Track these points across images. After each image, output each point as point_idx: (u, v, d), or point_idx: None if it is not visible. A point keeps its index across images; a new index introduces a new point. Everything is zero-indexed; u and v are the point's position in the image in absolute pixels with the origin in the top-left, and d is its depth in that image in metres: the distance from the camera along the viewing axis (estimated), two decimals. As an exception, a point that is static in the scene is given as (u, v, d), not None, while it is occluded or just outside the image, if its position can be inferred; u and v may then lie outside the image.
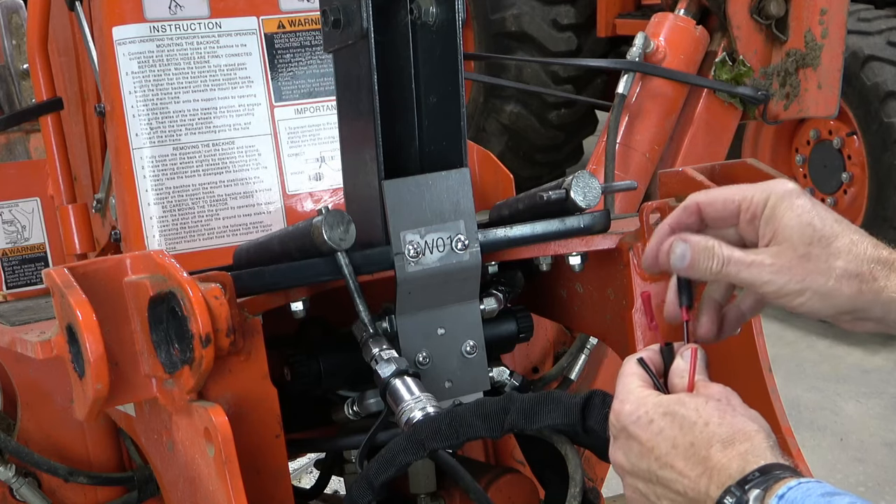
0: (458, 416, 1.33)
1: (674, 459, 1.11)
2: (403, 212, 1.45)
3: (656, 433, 1.14)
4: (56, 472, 1.75)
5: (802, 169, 6.05)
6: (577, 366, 2.06)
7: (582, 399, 1.31)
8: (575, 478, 1.66)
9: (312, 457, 2.26)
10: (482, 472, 1.74)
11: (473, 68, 6.44)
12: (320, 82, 1.79)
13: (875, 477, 4.61)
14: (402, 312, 1.50)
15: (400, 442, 1.33)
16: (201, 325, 1.21)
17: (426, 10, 1.42)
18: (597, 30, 7.46)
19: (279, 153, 1.75)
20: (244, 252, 1.57)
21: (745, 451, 1.08)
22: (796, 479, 1.03)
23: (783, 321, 6.00)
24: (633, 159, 2.69)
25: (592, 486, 2.01)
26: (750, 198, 1.26)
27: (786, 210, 1.23)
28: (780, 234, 1.23)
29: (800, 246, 1.21)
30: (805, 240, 1.21)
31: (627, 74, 2.69)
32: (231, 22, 1.72)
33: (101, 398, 1.24)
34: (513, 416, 1.33)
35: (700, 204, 1.30)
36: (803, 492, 1.02)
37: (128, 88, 1.66)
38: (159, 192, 1.67)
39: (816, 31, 2.78)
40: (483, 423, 1.34)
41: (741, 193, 1.27)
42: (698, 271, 1.26)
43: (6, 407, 1.85)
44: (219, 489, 1.24)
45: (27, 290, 2.32)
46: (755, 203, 1.26)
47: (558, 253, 1.59)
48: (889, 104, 5.43)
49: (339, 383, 1.61)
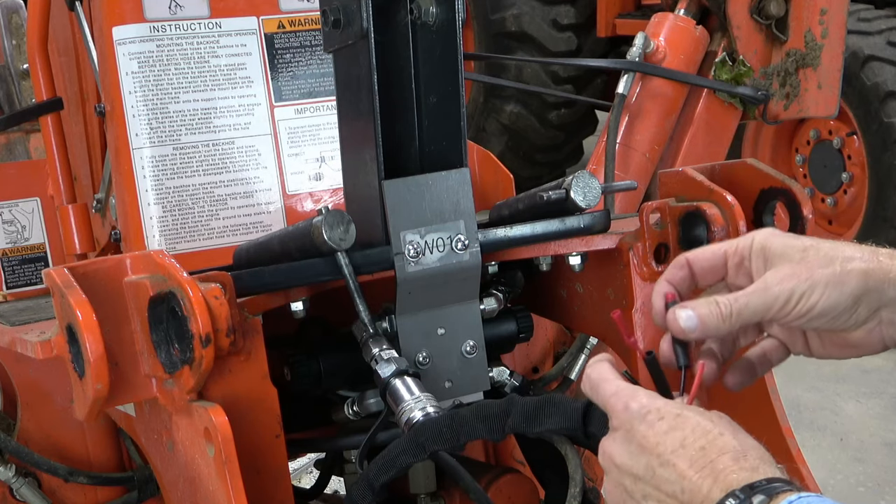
0: (459, 419, 1.33)
1: (678, 459, 1.11)
2: (403, 212, 1.45)
3: (664, 431, 1.13)
4: (56, 472, 1.75)
5: (802, 169, 6.05)
6: (577, 366, 2.06)
7: (583, 405, 1.31)
8: (575, 478, 1.66)
9: (312, 457, 2.26)
10: (482, 472, 1.74)
11: (473, 68, 6.44)
12: (320, 82, 1.79)
13: (875, 477, 4.61)
14: (402, 312, 1.50)
15: (401, 444, 1.33)
16: (201, 325, 1.21)
17: (426, 10, 1.42)
18: (597, 30, 7.46)
19: (279, 153, 1.75)
20: (244, 252, 1.57)
21: (756, 467, 1.07)
22: (797, 494, 1.03)
23: (783, 321, 6.00)
24: (633, 159, 2.70)
25: (592, 486, 2.01)
26: (735, 245, 1.30)
27: (772, 239, 1.27)
28: (771, 258, 1.26)
29: (794, 256, 1.24)
30: (798, 251, 1.24)
31: (627, 74, 2.69)
32: (231, 22, 1.72)
33: (101, 398, 1.24)
34: (514, 419, 1.33)
35: (689, 259, 1.32)
36: (808, 502, 1.02)
37: (128, 88, 1.66)
38: (159, 192, 1.67)
39: (816, 31, 2.78)
40: (484, 425, 1.34)
41: (726, 244, 1.31)
42: (711, 329, 1.26)
43: (6, 407, 1.85)
44: (219, 489, 1.24)
45: (27, 290, 2.32)
46: (741, 247, 1.29)
47: (558, 253, 1.59)
48: (889, 104, 5.43)
49: (339, 383, 1.61)
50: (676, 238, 1.56)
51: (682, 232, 1.55)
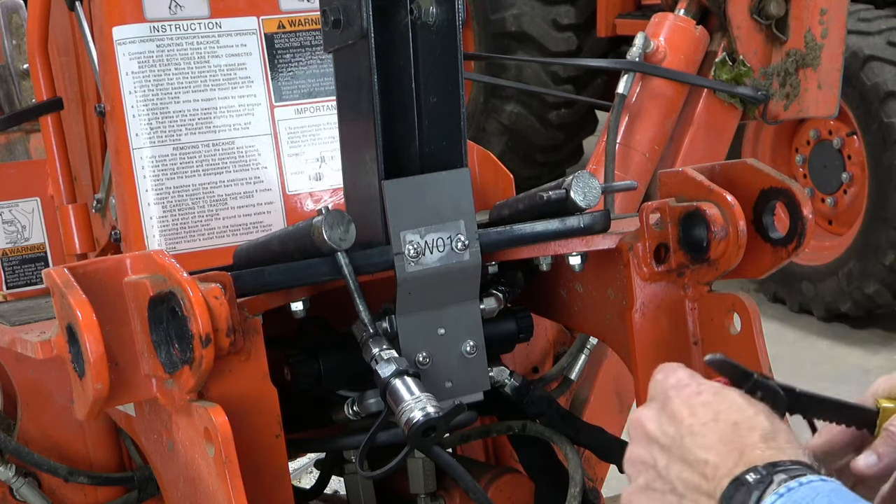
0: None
1: (709, 431, 1.10)
2: (403, 212, 1.45)
3: (701, 404, 1.13)
4: (56, 472, 1.75)
5: (802, 169, 6.05)
6: (577, 366, 2.06)
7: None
8: (575, 478, 1.66)
9: (312, 457, 2.26)
10: (482, 472, 1.74)
11: (473, 68, 6.44)
12: (320, 82, 1.79)
13: (875, 477, 4.60)
14: (402, 312, 1.50)
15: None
16: (201, 325, 1.21)
17: (426, 10, 1.42)
18: (597, 30, 7.45)
19: (279, 153, 1.75)
20: (244, 252, 1.57)
21: (783, 448, 1.07)
22: (819, 476, 1.03)
23: (783, 321, 6.01)
24: (633, 159, 2.69)
25: (592, 486, 2.02)
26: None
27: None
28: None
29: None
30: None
31: (627, 74, 2.68)
32: (231, 22, 1.72)
33: (101, 398, 1.24)
34: None
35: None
36: (831, 487, 1.01)
37: (128, 88, 1.66)
38: (159, 192, 1.67)
39: (816, 31, 2.78)
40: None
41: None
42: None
43: (6, 407, 1.85)
44: (219, 489, 1.24)
45: (27, 290, 2.32)
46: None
47: (558, 253, 1.59)
48: (889, 104, 5.42)
49: (339, 383, 1.61)
50: (676, 238, 1.56)
51: (682, 232, 1.55)
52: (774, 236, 1.53)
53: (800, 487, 1.01)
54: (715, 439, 1.09)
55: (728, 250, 1.50)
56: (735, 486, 1.04)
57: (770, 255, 1.54)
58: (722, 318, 1.55)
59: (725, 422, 1.10)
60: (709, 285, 1.57)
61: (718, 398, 1.14)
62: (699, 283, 1.57)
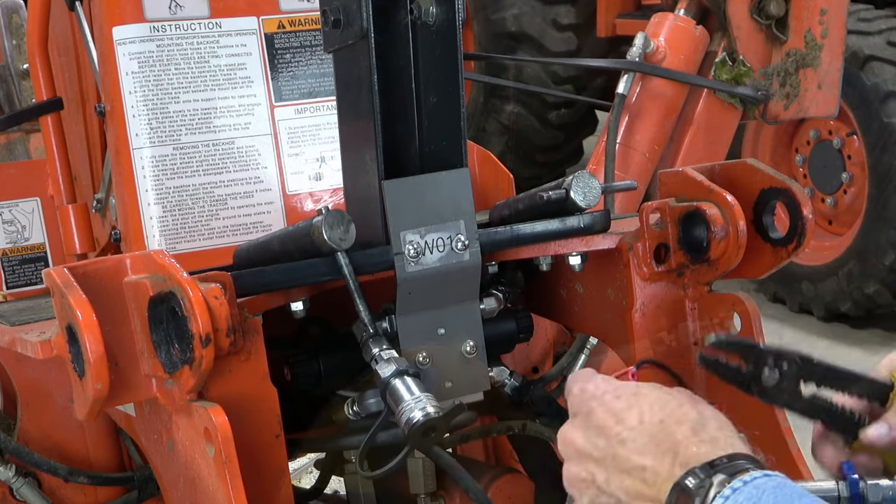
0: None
1: (637, 436, 1.10)
2: (403, 212, 1.45)
3: (623, 408, 1.13)
4: (56, 472, 1.75)
5: (802, 169, 6.05)
6: (577, 366, 2.05)
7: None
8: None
9: (312, 457, 2.26)
10: (482, 472, 1.74)
11: (473, 68, 6.43)
12: (320, 82, 1.79)
13: (875, 477, 4.60)
14: (402, 312, 1.50)
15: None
16: (201, 325, 1.21)
17: (426, 10, 1.42)
18: (597, 30, 7.45)
19: (279, 153, 1.75)
20: (244, 252, 1.57)
21: (716, 438, 1.06)
22: (760, 472, 1.02)
23: (783, 321, 6.00)
24: (633, 159, 2.70)
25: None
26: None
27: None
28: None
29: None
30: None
31: (627, 74, 2.69)
32: (231, 22, 1.72)
33: (101, 398, 1.24)
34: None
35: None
36: (775, 484, 1.01)
37: (128, 88, 1.66)
38: (159, 192, 1.67)
39: (816, 31, 2.78)
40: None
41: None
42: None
43: (6, 407, 1.85)
44: (219, 489, 1.24)
45: (27, 290, 2.32)
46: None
47: (558, 253, 1.59)
48: (889, 104, 5.42)
49: (339, 383, 1.61)
50: (676, 238, 1.56)
51: (682, 232, 1.55)
52: (774, 236, 1.53)
53: (744, 487, 1.00)
54: (646, 441, 1.09)
55: (728, 250, 1.50)
56: (676, 492, 1.04)
57: (770, 255, 1.54)
58: (722, 318, 1.55)
59: (651, 422, 1.10)
60: (709, 285, 1.57)
61: (639, 398, 1.13)
62: (699, 283, 1.57)
